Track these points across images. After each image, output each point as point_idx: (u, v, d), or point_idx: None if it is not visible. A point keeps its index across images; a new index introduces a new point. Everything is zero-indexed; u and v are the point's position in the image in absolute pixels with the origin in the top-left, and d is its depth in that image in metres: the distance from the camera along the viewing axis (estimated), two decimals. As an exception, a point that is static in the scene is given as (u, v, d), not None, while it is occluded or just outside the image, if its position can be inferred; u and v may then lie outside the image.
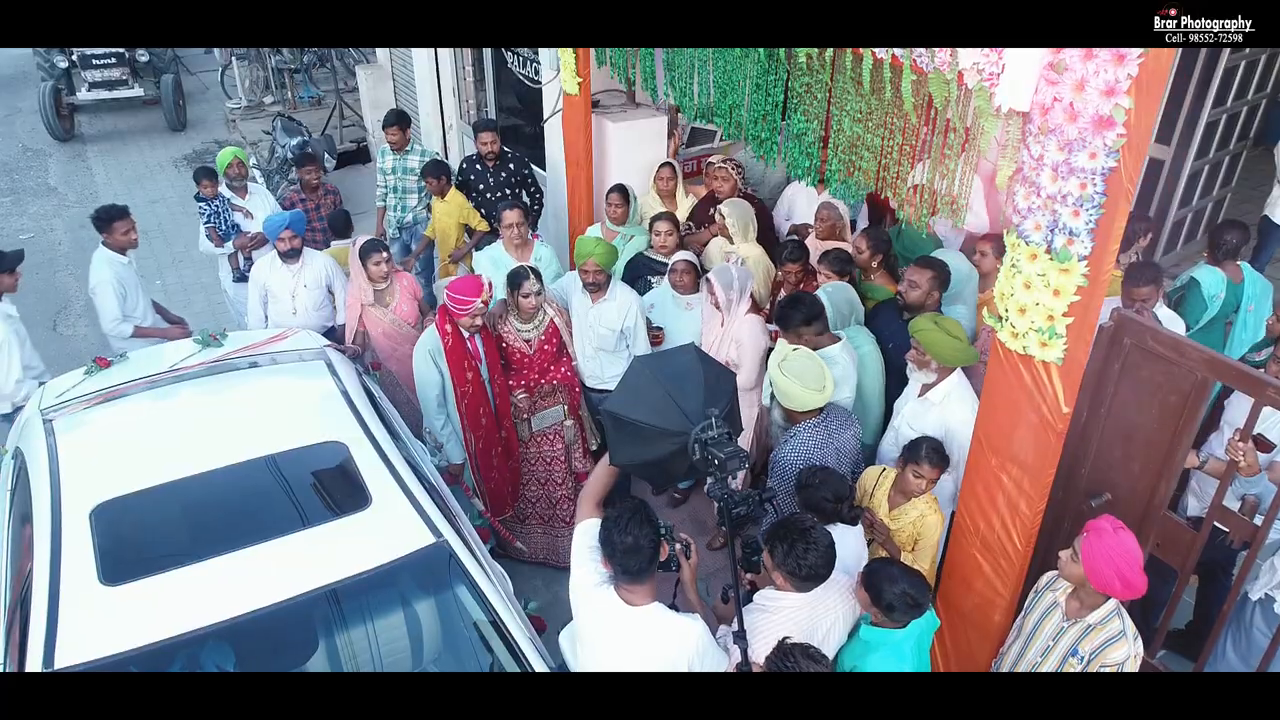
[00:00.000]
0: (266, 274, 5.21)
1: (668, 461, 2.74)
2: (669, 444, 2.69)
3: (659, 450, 2.72)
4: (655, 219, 4.97)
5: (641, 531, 2.53)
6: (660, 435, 2.70)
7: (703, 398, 2.71)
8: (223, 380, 3.97)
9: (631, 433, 2.76)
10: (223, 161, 6.16)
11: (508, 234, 5.01)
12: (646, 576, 2.56)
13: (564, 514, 4.76)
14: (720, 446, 2.56)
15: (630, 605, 2.58)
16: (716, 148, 6.56)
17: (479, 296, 4.08)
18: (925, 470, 3.31)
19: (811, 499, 3.15)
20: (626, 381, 2.88)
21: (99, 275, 5.12)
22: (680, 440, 2.67)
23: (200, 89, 13.63)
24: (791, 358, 3.45)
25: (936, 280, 4.12)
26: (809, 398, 3.38)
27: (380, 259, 4.72)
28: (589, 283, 4.44)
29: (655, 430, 2.71)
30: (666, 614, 2.60)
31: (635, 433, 2.75)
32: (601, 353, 4.61)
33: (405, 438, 3.94)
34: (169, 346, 4.53)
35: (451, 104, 8.83)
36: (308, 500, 3.18)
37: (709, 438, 2.59)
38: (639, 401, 2.77)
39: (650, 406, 2.73)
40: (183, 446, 3.32)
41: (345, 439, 3.40)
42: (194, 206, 9.66)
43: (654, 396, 2.74)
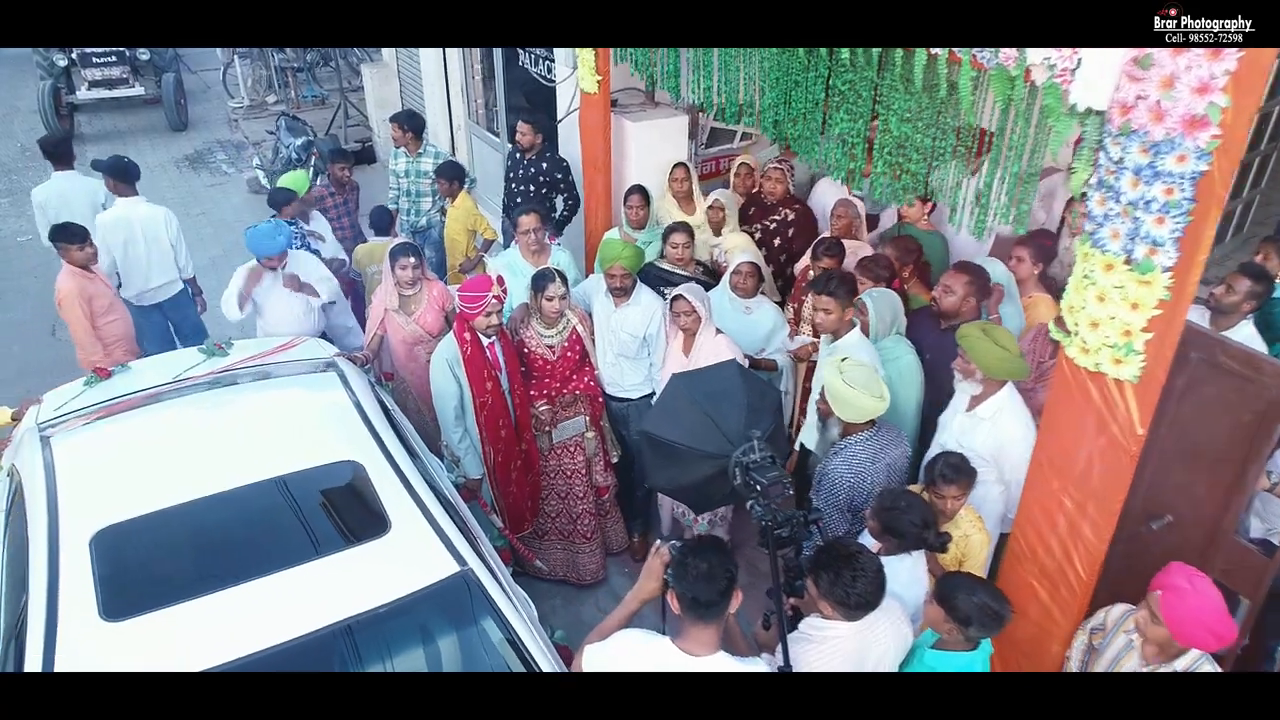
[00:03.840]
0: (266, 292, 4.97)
1: (706, 485, 2.55)
2: (707, 467, 2.50)
3: (697, 473, 2.53)
4: (671, 230, 4.75)
5: (718, 560, 2.29)
6: (698, 458, 2.52)
7: (743, 419, 2.52)
8: (229, 394, 3.78)
9: (668, 454, 2.58)
10: (299, 184, 5.71)
11: (524, 240, 4.81)
12: (716, 615, 2.31)
13: (584, 529, 4.57)
14: (762, 472, 2.37)
15: (691, 655, 2.34)
16: (736, 149, 6.36)
17: (490, 291, 3.88)
18: (946, 489, 3.12)
19: (896, 523, 2.94)
20: (663, 400, 2.70)
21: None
22: (719, 463, 2.48)
23: (202, 88, 13.44)
24: (848, 367, 3.25)
25: (973, 286, 3.93)
26: (873, 406, 3.20)
27: (408, 263, 4.52)
28: (615, 287, 4.24)
29: (693, 453, 2.52)
30: (733, 663, 2.37)
31: (672, 455, 2.57)
32: (623, 359, 4.42)
33: (422, 454, 3.74)
34: (172, 356, 4.35)
35: (460, 103, 8.64)
36: (322, 526, 2.98)
37: (750, 461, 2.40)
38: (676, 421, 2.58)
39: (688, 427, 2.54)
40: (188, 467, 3.13)
41: (361, 458, 3.20)
42: (197, 207, 9.47)
43: (692, 416, 2.55)
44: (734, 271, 4.51)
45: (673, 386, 2.74)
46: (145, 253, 5.67)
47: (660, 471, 2.65)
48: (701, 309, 4.06)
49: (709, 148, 6.26)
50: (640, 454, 2.83)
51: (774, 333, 4.61)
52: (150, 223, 5.70)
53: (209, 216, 9.11)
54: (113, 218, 5.64)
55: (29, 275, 8.15)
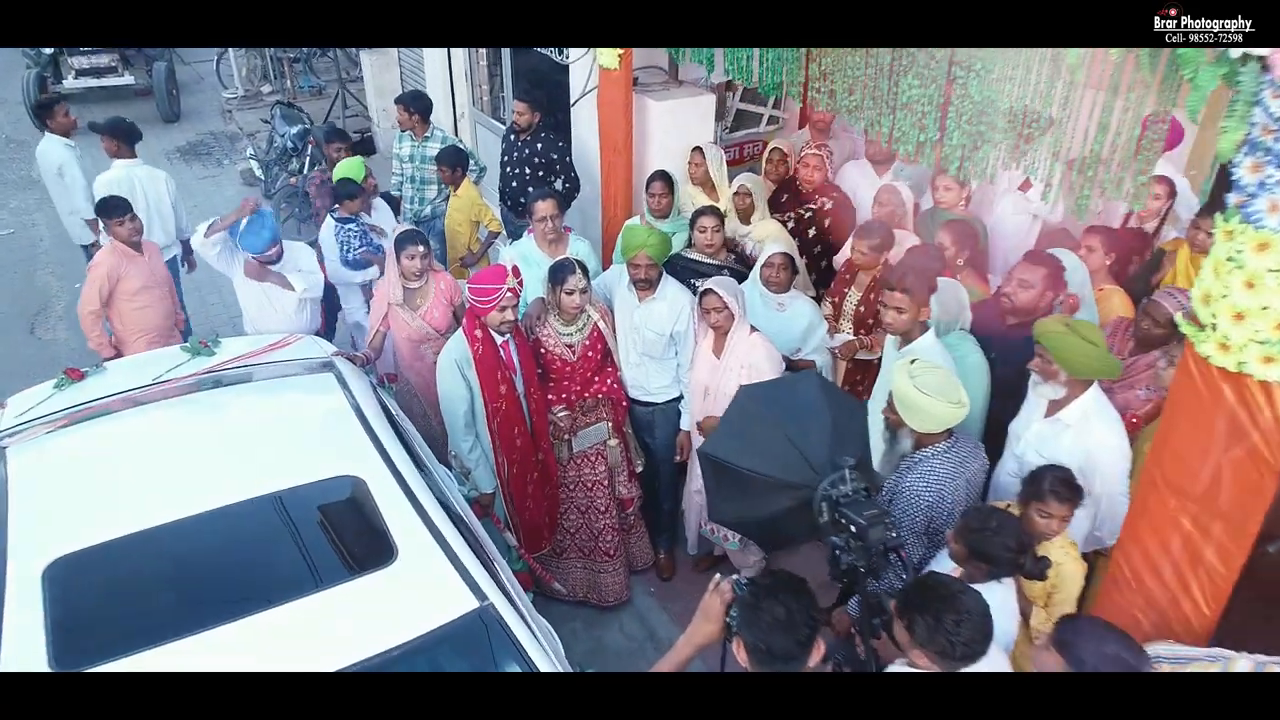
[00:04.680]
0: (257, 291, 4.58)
1: (782, 521, 2.14)
2: (785, 499, 2.09)
3: (772, 507, 2.12)
4: (699, 214, 4.34)
5: (798, 604, 1.86)
6: (775, 488, 2.11)
7: (830, 441, 2.11)
8: (215, 398, 3.38)
9: (736, 483, 2.16)
10: (356, 172, 5.17)
11: (540, 228, 4.40)
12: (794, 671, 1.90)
13: (607, 546, 4.15)
14: (857, 508, 1.96)
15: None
16: (762, 133, 5.95)
17: (504, 283, 3.47)
18: (1053, 508, 2.71)
19: (987, 547, 2.52)
20: (731, 418, 2.28)
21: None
22: (801, 495, 2.07)
23: (195, 79, 13.00)
24: (920, 371, 2.84)
25: (1051, 279, 3.52)
26: (950, 414, 2.79)
27: (416, 253, 4.11)
28: (640, 279, 3.83)
29: (769, 482, 2.11)
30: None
31: (741, 484, 2.15)
32: (647, 360, 4.00)
33: (430, 466, 3.33)
34: (152, 356, 3.93)
35: (464, 89, 8.21)
36: (318, 553, 2.58)
37: (841, 495, 1.99)
38: (748, 444, 2.16)
39: (763, 451, 2.13)
40: (164, 484, 2.72)
41: (362, 472, 2.79)
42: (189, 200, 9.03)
43: (768, 438, 2.14)
44: (765, 264, 4.11)
45: (743, 401, 2.32)
46: (148, 216, 5.41)
47: (726, 503, 2.24)
48: (734, 305, 3.65)
49: (733, 132, 5.84)
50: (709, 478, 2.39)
51: (811, 330, 4.20)
52: (152, 183, 5.56)
53: (201, 209, 8.65)
54: (114, 178, 5.41)
55: (8, 270, 7.74)
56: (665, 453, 4.20)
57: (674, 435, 4.13)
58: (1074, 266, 3.77)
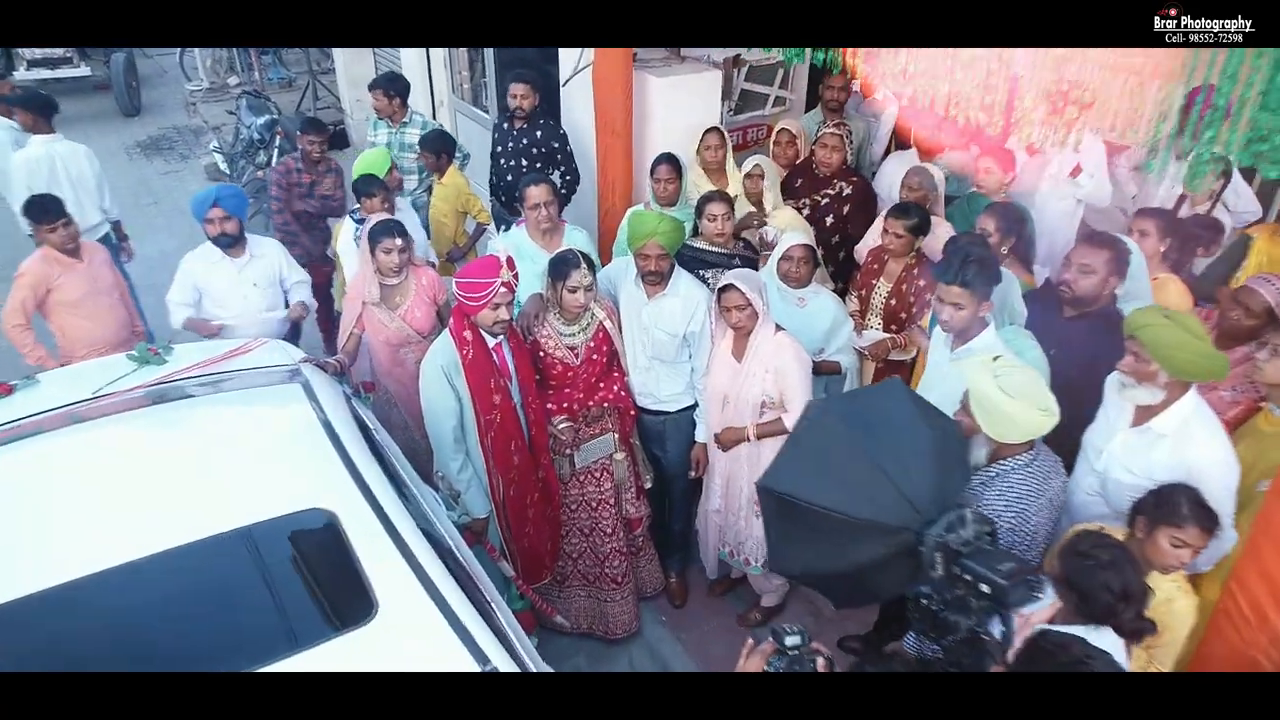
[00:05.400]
0: (203, 269, 4.11)
1: (872, 573, 1.69)
2: (878, 547, 1.66)
3: (859, 556, 1.68)
4: (706, 200, 3.90)
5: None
6: (864, 533, 1.67)
7: (933, 471, 1.66)
8: (162, 415, 2.89)
9: (809, 526, 1.72)
10: (380, 165, 4.60)
11: (533, 216, 3.94)
12: None
13: (614, 572, 3.70)
14: (987, 562, 1.52)
15: None
16: (768, 115, 5.51)
17: (497, 276, 3.02)
18: (1191, 534, 2.28)
19: (1086, 579, 2.05)
20: (801, 442, 1.83)
21: None
22: (899, 542, 1.63)
23: (158, 72, 12.43)
24: (1005, 370, 2.41)
25: (1115, 263, 3.12)
26: (1039, 422, 2.37)
27: (393, 245, 3.64)
28: (649, 271, 3.38)
29: (856, 525, 1.66)
30: None
31: (817, 527, 1.71)
32: (657, 363, 3.56)
33: (414, 488, 2.87)
34: (93, 366, 3.43)
35: (443, 77, 7.74)
36: (281, 609, 2.10)
37: (962, 544, 1.54)
38: (826, 475, 1.72)
39: (847, 484, 1.69)
40: (93, 523, 2.24)
41: (334, 504, 2.32)
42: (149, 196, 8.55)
43: (852, 468, 1.70)
44: (784, 257, 3.67)
45: (816, 420, 1.88)
46: (73, 194, 4.98)
47: (793, 550, 1.80)
48: (758, 301, 3.21)
49: (737, 114, 5.40)
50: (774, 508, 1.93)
51: (835, 328, 3.78)
52: (73, 159, 5.16)
53: (161, 206, 8.15)
54: (32, 155, 5.00)
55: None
56: (677, 467, 3.76)
57: (687, 448, 3.69)
58: (1133, 251, 3.37)
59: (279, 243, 4.40)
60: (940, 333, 3.05)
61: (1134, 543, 2.35)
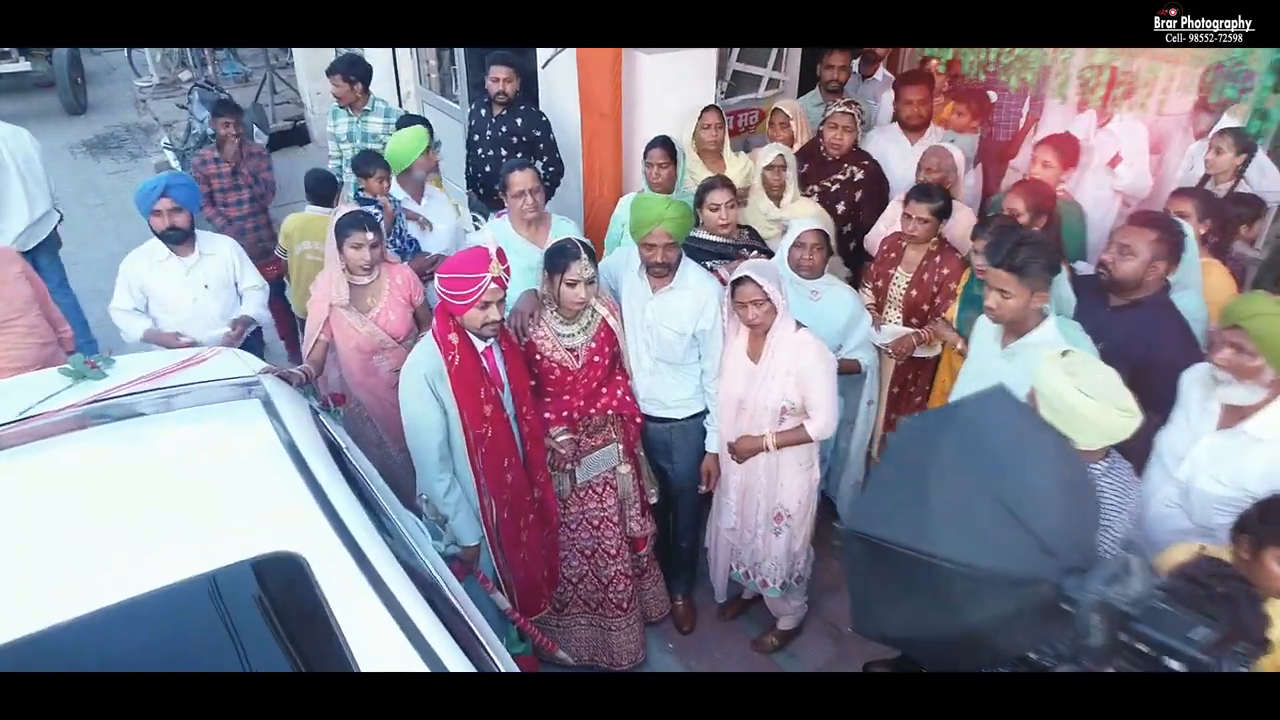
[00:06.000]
0: (145, 270, 3.69)
1: (993, 633, 1.33)
2: (1005, 603, 1.31)
3: (976, 614, 1.34)
4: (707, 188, 3.55)
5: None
6: (986, 585, 1.31)
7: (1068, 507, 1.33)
8: (98, 441, 2.48)
9: (912, 578, 1.35)
10: (412, 150, 4.07)
11: (517, 205, 3.56)
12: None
13: (618, 597, 3.35)
14: (1172, 627, 1.17)
15: None
16: (761, 97, 5.17)
17: (486, 270, 2.64)
18: None
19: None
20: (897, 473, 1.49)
21: None
22: (1032, 596, 1.28)
23: (105, 68, 11.83)
24: (1080, 367, 2.08)
25: (1163, 245, 2.82)
26: (1122, 425, 2.05)
27: (363, 240, 3.24)
28: (655, 262, 3.02)
29: (976, 575, 1.30)
30: None
31: (920, 579, 1.34)
32: (663, 365, 3.20)
33: (394, 518, 2.49)
34: (19, 383, 3.00)
35: (409, 65, 7.32)
36: (249, 667, 1.71)
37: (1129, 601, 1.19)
38: (933, 514, 1.36)
39: (960, 525, 1.34)
40: (23, 575, 1.84)
41: (301, 545, 1.93)
42: (96, 197, 8.07)
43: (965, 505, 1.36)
44: (795, 244, 3.34)
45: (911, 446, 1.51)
46: (20, 181, 4.58)
47: (889, 608, 1.45)
48: (777, 295, 2.87)
49: (729, 97, 5.05)
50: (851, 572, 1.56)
51: (853, 323, 3.46)
52: (16, 141, 4.67)
53: (109, 208, 7.64)
54: None
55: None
56: (685, 480, 3.40)
57: (697, 459, 3.33)
58: (1188, 235, 3.08)
59: (233, 240, 3.97)
60: (987, 326, 2.73)
61: (1239, 564, 2.04)
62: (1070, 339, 2.65)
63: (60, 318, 3.81)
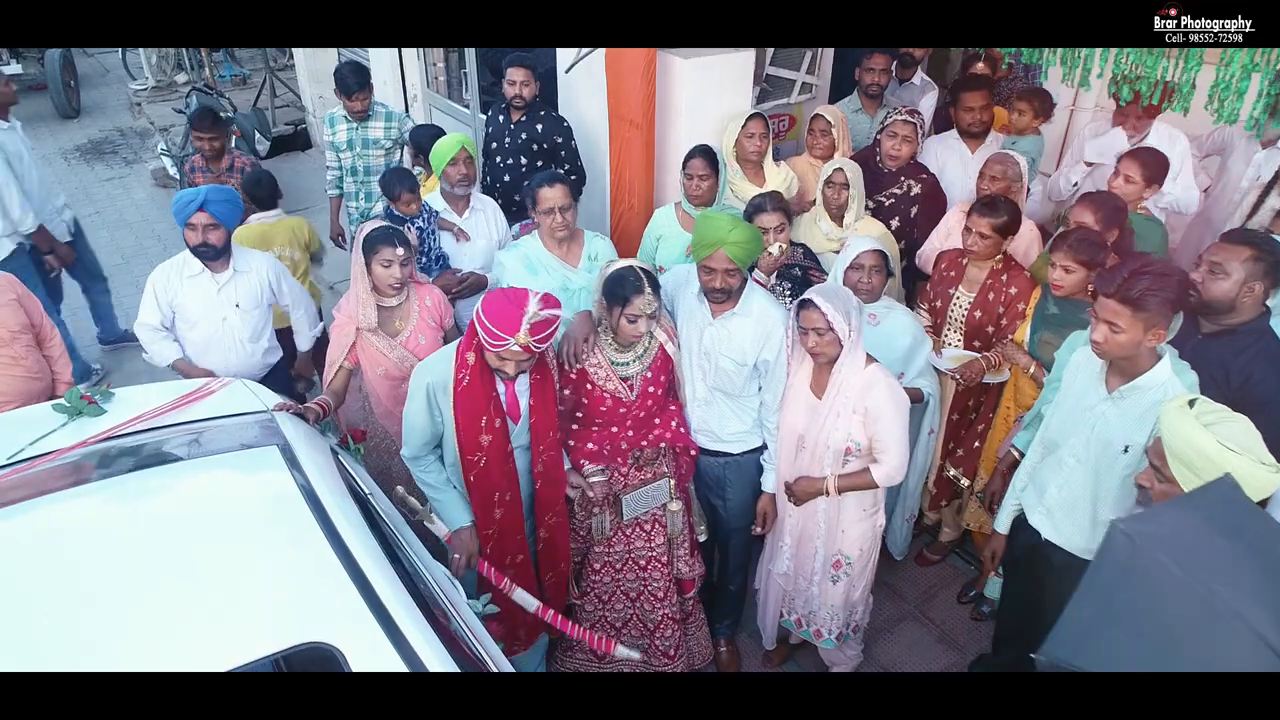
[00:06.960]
0: (175, 283, 3.40)
1: None
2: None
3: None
4: (757, 209, 3.20)
5: None
6: None
7: None
8: (95, 502, 2.19)
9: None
10: (445, 154, 3.73)
11: (547, 221, 3.28)
12: None
13: (665, 644, 3.10)
14: None
15: None
16: (793, 103, 4.91)
17: (513, 335, 2.37)
18: None
19: None
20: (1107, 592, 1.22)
21: None
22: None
23: (99, 71, 11.51)
24: (1214, 417, 1.84)
25: (1259, 264, 2.57)
26: (1267, 480, 1.81)
27: (395, 257, 2.97)
28: (715, 288, 2.75)
29: None
30: None
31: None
32: (719, 395, 2.93)
33: (428, 576, 2.23)
34: (9, 419, 2.73)
35: (415, 68, 7.03)
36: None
37: None
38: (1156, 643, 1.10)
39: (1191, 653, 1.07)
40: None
41: (335, 634, 1.66)
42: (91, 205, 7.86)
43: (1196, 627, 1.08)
44: (852, 265, 3.07)
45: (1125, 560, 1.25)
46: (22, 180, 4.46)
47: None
48: (842, 324, 2.59)
49: (760, 102, 4.79)
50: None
51: (915, 348, 3.20)
52: (9, 140, 4.55)
53: (105, 216, 7.34)
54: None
55: None
56: (738, 520, 3.13)
57: (751, 498, 3.05)
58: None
59: (271, 257, 3.67)
60: (1089, 362, 2.46)
61: None
62: (1186, 384, 2.39)
63: (61, 355, 3.43)
